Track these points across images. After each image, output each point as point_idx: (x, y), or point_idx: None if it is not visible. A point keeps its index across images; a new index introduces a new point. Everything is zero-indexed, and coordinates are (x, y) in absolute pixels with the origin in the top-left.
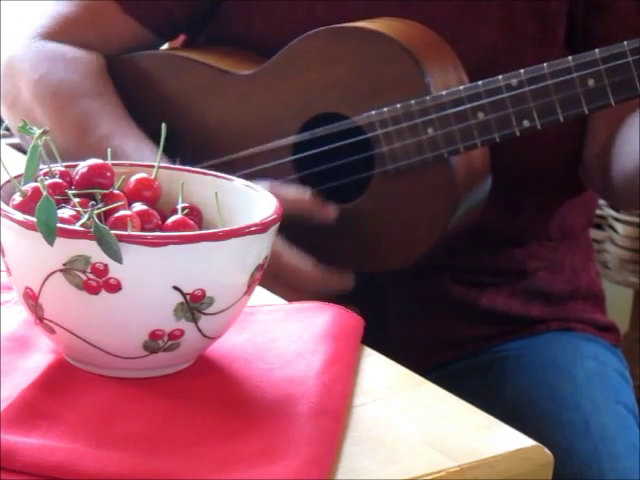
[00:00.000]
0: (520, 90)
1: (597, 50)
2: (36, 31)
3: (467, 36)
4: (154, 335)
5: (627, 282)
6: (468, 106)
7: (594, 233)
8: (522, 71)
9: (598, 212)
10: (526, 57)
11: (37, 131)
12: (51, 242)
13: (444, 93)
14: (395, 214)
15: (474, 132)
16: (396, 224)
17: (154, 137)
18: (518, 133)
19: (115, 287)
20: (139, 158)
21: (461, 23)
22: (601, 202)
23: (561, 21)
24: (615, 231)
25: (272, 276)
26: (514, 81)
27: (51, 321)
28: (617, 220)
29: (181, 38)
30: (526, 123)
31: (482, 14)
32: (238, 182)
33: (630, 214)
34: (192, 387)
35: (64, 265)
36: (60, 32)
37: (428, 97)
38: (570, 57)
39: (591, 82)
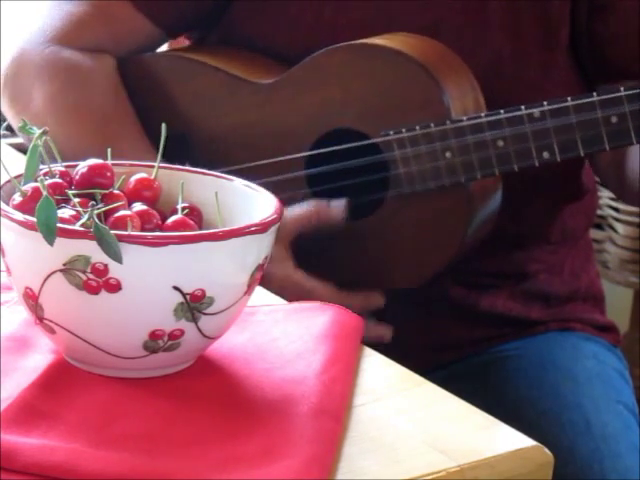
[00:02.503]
0: (542, 122)
1: (622, 88)
2: (49, 34)
3: (472, 41)
4: (154, 335)
5: (627, 282)
6: (488, 134)
7: (594, 233)
8: (545, 102)
9: (598, 212)
10: (530, 61)
11: (37, 131)
12: (51, 242)
13: (464, 118)
14: (408, 234)
15: (493, 161)
16: (408, 244)
17: (167, 141)
18: (537, 164)
19: (115, 287)
20: None
21: (466, 28)
22: (601, 202)
23: (564, 24)
24: (615, 231)
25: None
26: (536, 112)
27: (51, 321)
28: (617, 220)
29: (182, 38)
30: (546, 155)
31: (486, 19)
32: (238, 182)
33: (630, 214)
34: (192, 387)
35: (64, 265)
36: (72, 35)
37: (448, 121)
38: (594, 93)
39: (614, 120)
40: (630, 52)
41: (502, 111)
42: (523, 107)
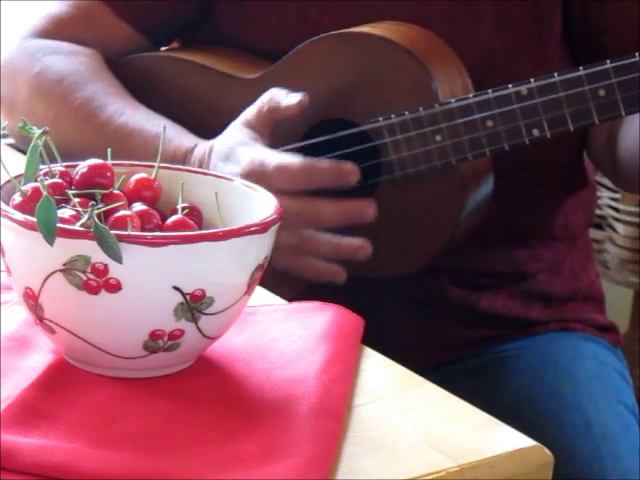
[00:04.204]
0: (530, 100)
1: (608, 61)
2: (28, 31)
3: (462, 35)
4: (154, 335)
5: (627, 282)
6: (477, 115)
7: (594, 233)
8: (532, 80)
9: (598, 212)
10: (522, 54)
11: (37, 131)
12: (51, 242)
13: (453, 101)
14: (401, 220)
15: (483, 141)
16: (402, 230)
17: None
18: (527, 142)
19: (115, 287)
20: (152, 126)
21: (456, 22)
22: (601, 202)
23: (556, 17)
24: (615, 231)
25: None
26: (524, 90)
27: (51, 321)
28: (617, 220)
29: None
30: (536, 132)
31: (477, 13)
32: (238, 182)
33: (630, 214)
34: (192, 387)
35: (64, 265)
36: (54, 31)
37: (437, 104)
38: (581, 67)
39: (602, 93)
40: (627, 40)
41: (490, 91)
42: (510, 85)
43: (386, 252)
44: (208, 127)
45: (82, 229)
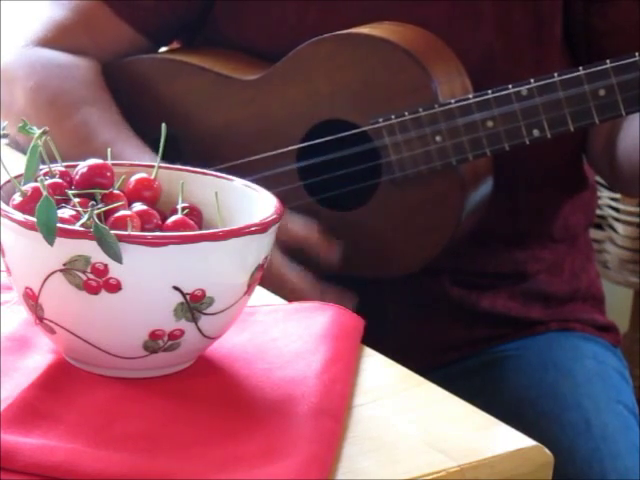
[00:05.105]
0: (530, 100)
1: (608, 61)
2: (30, 38)
3: (463, 37)
4: (154, 335)
5: (627, 282)
6: (477, 115)
7: (594, 233)
8: (532, 80)
9: (598, 212)
10: (523, 56)
11: (37, 131)
12: (51, 242)
13: (453, 101)
14: (402, 221)
15: (483, 142)
16: (402, 231)
17: (155, 142)
18: (528, 142)
19: (115, 287)
20: (140, 161)
21: (457, 24)
22: (601, 202)
23: (557, 19)
24: (615, 231)
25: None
26: (524, 90)
27: (51, 321)
28: (617, 220)
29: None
30: (536, 133)
31: (477, 14)
32: (238, 182)
33: (630, 214)
34: (192, 387)
35: (64, 265)
36: (54, 38)
37: (436, 105)
38: (581, 67)
39: (602, 93)
40: (628, 43)
41: (490, 91)
42: (510, 86)
43: (386, 252)
44: (209, 129)
45: (82, 229)
